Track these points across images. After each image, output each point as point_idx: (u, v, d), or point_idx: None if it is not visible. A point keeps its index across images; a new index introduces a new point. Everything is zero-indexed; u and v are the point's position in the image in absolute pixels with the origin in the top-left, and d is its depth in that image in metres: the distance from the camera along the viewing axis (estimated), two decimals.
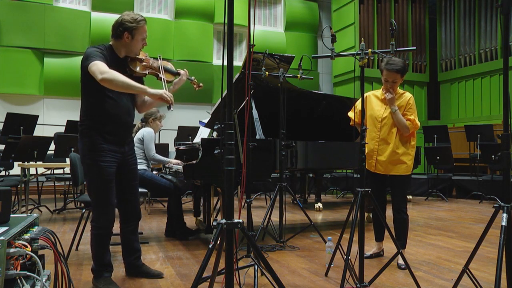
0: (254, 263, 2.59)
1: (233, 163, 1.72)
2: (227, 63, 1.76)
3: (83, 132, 2.57)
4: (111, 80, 2.41)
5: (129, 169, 2.75)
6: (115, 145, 2.61)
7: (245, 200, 3.23)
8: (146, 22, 2.67)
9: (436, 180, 7.98)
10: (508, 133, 2.09)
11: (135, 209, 2.84)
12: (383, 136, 3.15)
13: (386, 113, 3.15)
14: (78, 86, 2.65)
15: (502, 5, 2.06)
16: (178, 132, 7.00)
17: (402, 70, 3.09)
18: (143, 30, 2.64)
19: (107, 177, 2.57)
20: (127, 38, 2.61)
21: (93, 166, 2.55)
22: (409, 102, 3.15)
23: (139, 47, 2.68)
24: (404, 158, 3.12)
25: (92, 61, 2.44)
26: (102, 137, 2.55)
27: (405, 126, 3.08)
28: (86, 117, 2.58)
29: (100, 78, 2.39)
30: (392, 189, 3.23)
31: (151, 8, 9.58)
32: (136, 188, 2.83)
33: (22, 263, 1.62)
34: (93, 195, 2.60)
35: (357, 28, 9.69)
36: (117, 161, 2.63)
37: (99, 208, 2.61)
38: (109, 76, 2.40)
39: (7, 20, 8.27)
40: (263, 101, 4.15)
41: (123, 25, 2.59)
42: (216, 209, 4.77)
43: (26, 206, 5.25)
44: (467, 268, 2.18)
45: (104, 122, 2.56)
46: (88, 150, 2.55)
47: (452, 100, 10.15)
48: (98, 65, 2.42)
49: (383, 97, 3.19)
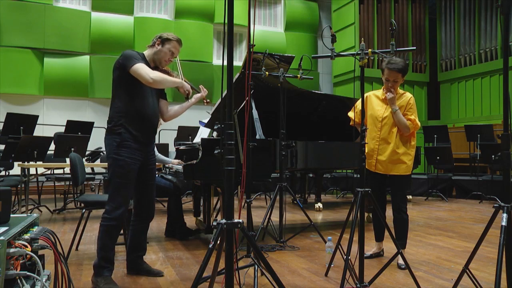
0: (254, 263, 2.59)
1: (233, 163, 1.72)
2: (227, 63, 1.76)
3: (113, 129, 2.68)
4: (160, 81, 2.64)
5: (149, 169, 2.86)
6: (141, 144, 2.73)
7: (245, 200, 3.23)
8: (180, 43, 2.87)
9: (436, 180, 7.98)
10: (508, 133, 2.10)
11: (150, 208, 2.92)
12: (384, 136, 3.15)
13: (387, 113, 3.15)
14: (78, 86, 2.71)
15: (502, 5, 2.06)
16: (178, 132, 6.99)
17: (403, 70, 3.09)
18: (173, 45, 2.82)
19: (129, 173, 2.67)
20: (158, 44, 2.81)
21: (119, 161, 2.64)
22: (409, 102, 3.15)
23: (165, 57, 2.82)
24: (404, 158, 3.12)
25: (136, 63, 2.60)
26: (130, 135, 2.67)
27: (405, 126, 3.09)
28: (117, 115, 2.70)
29: (151, 80, 2.58)
30: (392, 189, 3.23)
31: (151, 8, 9.58)
32: (153, 187, 2.92)
33: (22, 263, 1.62)
34: (113, 187, 2.67)
35: (357, 28, 9.70)
36: (141, 160, 2.74)
37: (115, 201, 2.66)
38: (158, 77, 2.63)
39: (7, 20, 8.28)
40: (263, 101, 4.15)
41: (160, 36, 2.82)
42: (216, 209, 4.77)
43: (26, 206, 5.25)
44: (467, 268, 2.18)
45: (134, 121, 2.68)
46: (116, 145, 2.65)
47: (452, 100, 10.15)
48: (145, 68, 2.61)
49: (383, 97, 3.20)
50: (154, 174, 2.94)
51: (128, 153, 2.65)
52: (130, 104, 2.68)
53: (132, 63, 2.60)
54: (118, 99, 2.71)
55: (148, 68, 2.65)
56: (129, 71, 2.59)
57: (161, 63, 2.84)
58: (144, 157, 2.78)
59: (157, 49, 2.80)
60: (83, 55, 8.86)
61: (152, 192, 2.92)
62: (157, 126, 2.91)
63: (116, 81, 2.72)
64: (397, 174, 3.14)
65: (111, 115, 2.72)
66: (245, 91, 2.49)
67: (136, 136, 2.69)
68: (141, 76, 2.58)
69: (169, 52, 2.81)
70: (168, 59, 2.84)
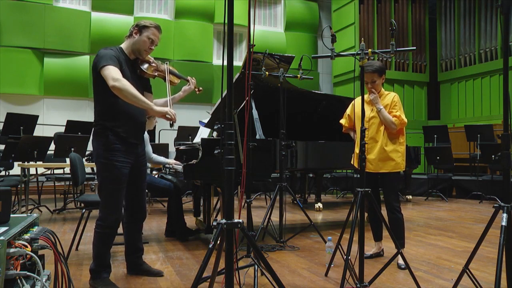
0: (254, 263, 2.59)
1: (233, 163, 1.72)
2: (227, 63, 1.76)
3: (99, 132, 2.58)
4: (121, 89, 2.42)
5: (140, 170, 2.78)
6: (129, 146, 2.63)
7: (245, 200, 3.23)
8: (158, 30, 2.70)
9: (436, 180, 7.98)
10: (508, 133, 2.09)
11: (141, 208, 2.86)
12: (372, 135, 3.21)
13: (373, 113, 3.23)
14: (78, 86, 2.69)
15: (502, 5, 2.06)
16: (178, 132, 6.99)
17: (378, 70, 3.19)
18: (152, 32, 2.66)
19: (120, 177, 2.57)
20: (135, 33, 2.66)
21: (107, 165, 2.55)
22: (393, 100, 3.23)
23: (144, 46, 2.67)
24: (393, 155, 3.17)
25: (104, 65, 2.45)
26: (117, 137, 2.56)
27: (391, 122, 3.15)
28: (101, 117, 2.59)
29: (111, 85, 2.40)
30: (384, 189, 3.26)
31: (151, 8, 9.58)
32: (144, 188, 2.86)
33: (22, 263, 1.62)
34: (103, 194, 2.60)
35: (357, 28, 9.70)
36: (131, 162, 2.65)
37: (108, 208, 2.60)
38: (120, 85, 2.41)
39: (7, 20, 8.28)
40: (263, 101, 4.15)
41: (137, 24, 2.67)
42: (216, 209, 4.77)
43: (26, 206, 5.25)
44: (467, 268, 2.18)
45: (119, 122, 2.57)
46: (103, 149, 2.55)
47: (452, 100, 10.15)
48: (111, 70, 2.43)
49: (368, 99, 3.26)
50: (145, 175, 2.86)
51: (116, 157, 2.54)
52: (113, 104, 2.54)
53: (101, 64, 2.45)
54: (100, 100, 2.59)
55: (116, 71, 2.45)
56: (99, 71, 2.46)
57: (140, 53, 2.68)
58: (135, 159, 2.68)
59: (135, 38, 2.65)
60: (83, 55, 8.86)
61: (143, 193, 2.86)
62: (146, 124, 2.80)
63: (95, 82, 2.57)
64: (386, 172, 3.18)
65: (96, 117, 2.60)
66: (245, 91, 2.49)
67: (124, 138, 2.57)
68: (105, 78, 2.42)
69: (148, 40, 2.64)
70: (149, 48, 2.67)
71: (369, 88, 3.22)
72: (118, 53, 2.60)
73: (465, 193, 7.73)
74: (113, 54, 2.54)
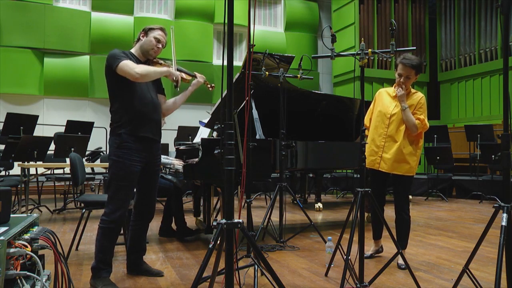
0: (254, 263, 2.59)
1: (233, 163, 1.72)
2: (227, 63, 1.76)
3: (114, 130, 2.67)
4: (143, 74, 2.56)
5: (153, 169, 2.81)
6: (145, 144, 2.68)
7: (245, 200, 3.23)
8: (163, 31, 2.83)
9: (436, 180, 7.98)
10: (508, 133, 2.09)
11: (151, 208, 2.89)
12: (391, 133, 3.11)
13: (396, 110, 3.11)
14: (78, 86, 2.70)
15: (502, 5, 2.06)
16: (178, 132, 7.00)
17: (417, 67, 3.05)
18: (158, 32, 2.78)
19: (129, 175, 2.63)
20: (142, 36, 2.79)
21: (118, 163, 2.61)
22: (420, 101, 3.10)
23: (152, 46, 2.76)
24: (409, 158, 3.08)
25: (120, 61, 2.55)
26: (131, 136, 2.63)
27: (413, 125, 3.04)
28: (116, 116, 2.67)
29: (137, 74, 2.53)
30: (395, 190, 3.21)
31: (151, 8, 9.58)
32: (156, 188, 2.88)
33: (22, 263, 1.62)
34: (112, 189, 2.64)
35: (357, 28, 9.70)
36: (143, 161, 2.69)
37: (115, 203, 2.63)
38: (141, 70, 2.55)
39: (7, 20, 8.28)
40: (263, 101, 4.15)
41: (143, 29, 2.81)
42: (216, 209, 4.77)
43: (26, 206, 5.25)
44: (467, 268, 2.18)
45: (134, 120, 2.64)
46: (115, 147, 2.63)
47: (452, 100, 10.15)
48: (128, 64, 2.56)
49: (394, 94, 3.15)
50: (158, 175, 2.89)
51: (127, 155, 2.61)
52: (129, 104, 2.64)
53: (116, 62, 2.55)
54: (116, 101, 2.68)
55: (133, 63, 2.59)
56: (116, 70, 2.55)
57: (149, 53, 2.77)
58: (149, 157, 2.73)
59: (143, 40, 2.77)
60: (83, 55, 8.86)
61: (154, 193, 2.88)
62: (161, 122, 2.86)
63: (110, 83, 2.68)
64: (399, 174, 3.11)
65: (112, 117, 2.70)
66: (245, 91, 2.49)
67: (139, 136, 2.64)
68: (126, 72, 2.53)
69: (154, 40, 2.75)
70: (156, 47, 2.77)
71: (400, 82, 3.06)
72: (127, 54, 2.71)
73: (465, 193, 7.73)
74: (121, 51, 2.65)
